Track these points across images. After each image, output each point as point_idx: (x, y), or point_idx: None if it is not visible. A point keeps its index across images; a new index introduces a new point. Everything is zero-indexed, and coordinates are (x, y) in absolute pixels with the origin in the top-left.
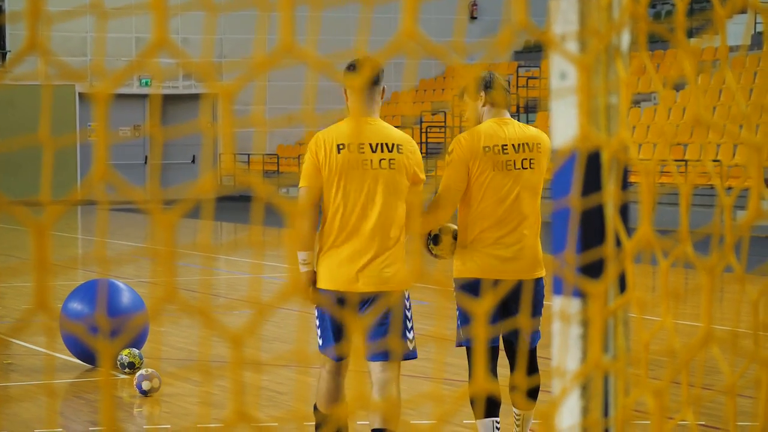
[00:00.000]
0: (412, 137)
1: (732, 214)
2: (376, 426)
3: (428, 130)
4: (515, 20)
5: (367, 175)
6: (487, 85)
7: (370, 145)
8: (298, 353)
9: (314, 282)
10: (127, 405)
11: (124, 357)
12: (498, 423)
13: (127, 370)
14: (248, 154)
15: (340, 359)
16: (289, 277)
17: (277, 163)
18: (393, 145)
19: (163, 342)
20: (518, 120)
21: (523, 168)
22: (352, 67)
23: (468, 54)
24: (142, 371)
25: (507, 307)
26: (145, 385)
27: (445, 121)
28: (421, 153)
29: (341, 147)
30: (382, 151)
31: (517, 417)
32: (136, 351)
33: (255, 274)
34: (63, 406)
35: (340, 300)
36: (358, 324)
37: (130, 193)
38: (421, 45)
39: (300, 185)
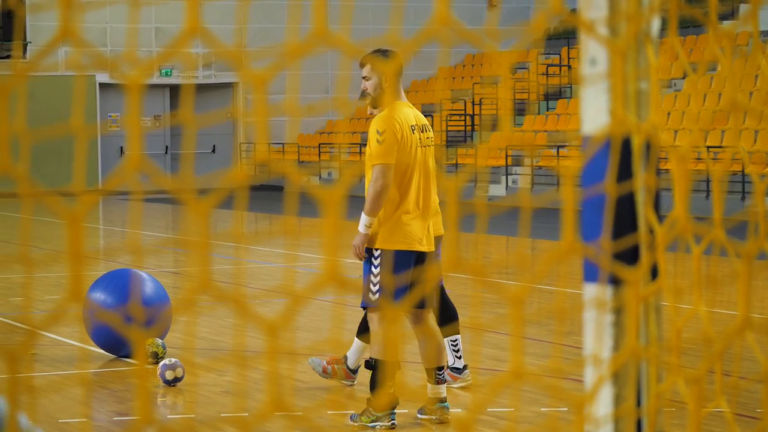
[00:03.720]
0: (432, 125)
1: (765, 201)
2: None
3: (448, 118)
4: (549, 5)
5: (420, 153)
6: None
7: (422, 126)
8: (330, 342)
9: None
10: (151, 394)
11: (147, 347)
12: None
13: (150, 359)
14: (269, 144)
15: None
16: (325, 267)
17: (298, 152)
18: (428, 126)
19: (186, 332)
20: (539, 108)
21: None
22: (384, 54)
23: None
24: (165, 361)
25: None
26: (169, 375)
27: (464, 109)
28: (442, 141)
29: (414, 128)
30: (423, 131)
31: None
32: (159, 341)
33: (285, 264)
34: (87, 396)
35: (413, 258)
36: (430, 275)
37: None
38: (454, 31)
39: (383, 162)
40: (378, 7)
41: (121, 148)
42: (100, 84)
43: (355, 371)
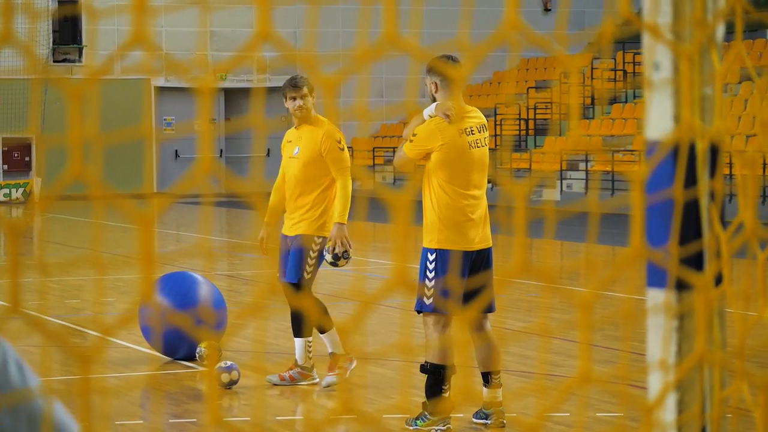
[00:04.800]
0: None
1: None
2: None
3: (501, 122)
4: (619, 10)
5: (475, 153)
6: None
7: (479, 126)
8: (401, 346)
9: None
10: (206, 397)
11: (202, 349)
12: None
13: (205, 362)
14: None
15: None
16: (395, 269)
17: (352, 156)
18: (485, 126)
19: (241, 335)
20: (594, 113)
21: None
22: (452, 59)
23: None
24: (221, 363)
25: None
26: (225, 378)
27: (519, 113)
28: (496, 145)
29: (463, 131)
30: (480, 131)
31: None
32: (214, 344)
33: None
34: (142, 398)
35: (469, 258)
36: (484, 278)
37: (236, 186)
38: (524, 35)
39: (406, 151)
40: (448, 11)
41: (176, 151)
42: (155, 88)
43: (310, 369)
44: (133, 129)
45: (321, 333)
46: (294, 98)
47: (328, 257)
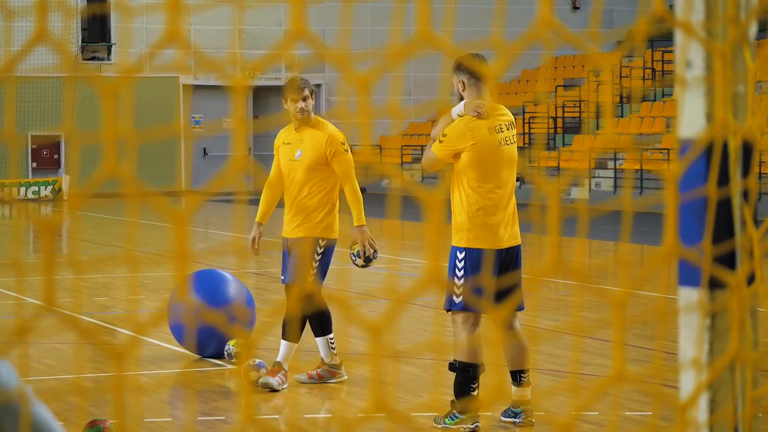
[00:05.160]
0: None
1: None
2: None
3: (530, 120)
4: (652, 8)
5: (504, 151)
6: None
7: (508, 124)
8: (434, 344)
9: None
10: (235, 395)
11: (231, 347)
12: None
13: (233, 360)
14: (351, 145)
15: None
16: (428, 268)
17: (380, 153)
18: (513, 124)
19: (269, 332)
20: (622, 111)
21: None
22: (479, 57)
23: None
24: (250, 362)
25: None
26: (254, 375)
27: (548, 112)
28: (525, 143)
29: (492, 129)
30: (509, 129)
31: None
32: (243, 341)
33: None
34: (171, 396)
35: (499, 256)
36: (513, 277)
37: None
38: (557, 33)
39: (435, 150)
40: (481, 10)
41: (204, 149)
42: (183, 86)
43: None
44: (164, 127)
45: (283, 339)
46: (296, 101)
47: (359, 261)
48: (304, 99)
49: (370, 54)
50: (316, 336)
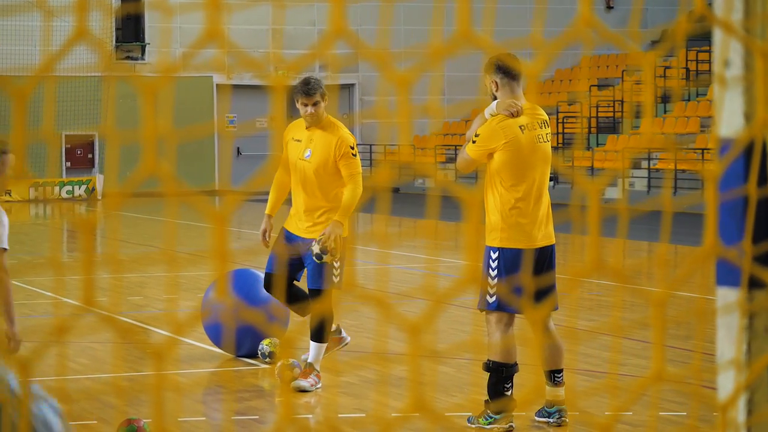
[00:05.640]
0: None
1: None
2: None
3: (564, 120)
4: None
5: (537, 149)
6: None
7: (541, 122)
8: (469, 344)
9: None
10: (268, 394)
11: (264, 347)
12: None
13: (267, 359)
14: (385, 145)
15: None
16: (467, 268)
17: (414, 153)
18: (547, 122)
19: (305, 332)
20: (656, 111)
21: None
22: (511, 57)
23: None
24: (285, 361)
25: None
26: (288, 376)
27: (581, 112)
28: (557, 144)
29: (523, 127)
30: (542, 127)
31: None
32: (276, 341)
33: (414, 267)
34: (205, 395)
35: (533, 256)
36: (547, 276)
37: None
38: (598, 32)
39: (468, 152)
40: (520, 9)
41: (238, 149)
42: (217, 85)
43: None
44: (201, 126)
45: (313, 341)
46: (306, 105)
47: (315, 248)
48: (315, 104)
49: (404, 53)
50: (315, 341)
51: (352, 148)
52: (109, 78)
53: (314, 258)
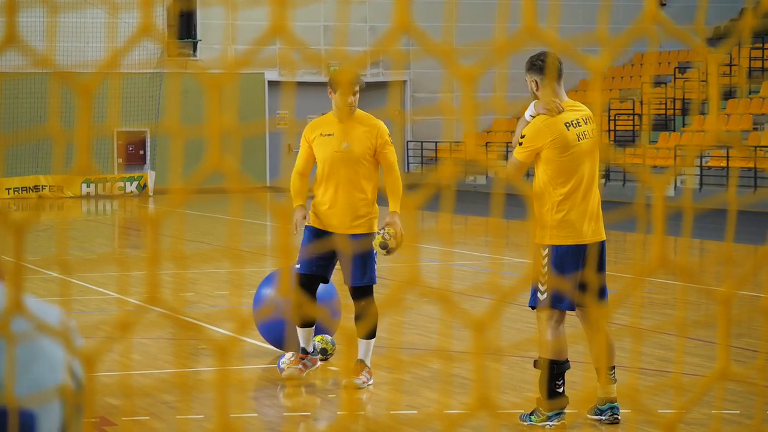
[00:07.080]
0: (600, 125)
1: None
2: None
3: (616, 117)
4: (761, 3)
5: (582, 145)
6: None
7: (585, 118)
8: (522, 341)
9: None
10: (320, 391)
11: (317, 343)
12: None
13: (319, 356)
14: (435, 142)
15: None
16: (530, 268)
17: (465, 151)
18: (591, 118)
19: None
20: (708, 108)
21: None
22: (551, 56)
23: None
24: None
25: None
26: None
27: (633, 109)
28: (609, 141)
29: (569, 124)
30: (586, 123)
31: None
32: (328, 337)
33: (473, 265)
34: (257, 391)
35: (583, 252)
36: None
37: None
38: (664, 28)
39: (516, 156)
40: (587, 6)
41: (289, 145)
42: (268, 81)
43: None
44: (255, 123)
45: (363, 338)
46: (348, 94)
47: (387, 241)
48: (355, 93)
49: (459, 51)
50: (364, 338)
51: (390, 136)
52: (174, 75)
53: (381, 251)
